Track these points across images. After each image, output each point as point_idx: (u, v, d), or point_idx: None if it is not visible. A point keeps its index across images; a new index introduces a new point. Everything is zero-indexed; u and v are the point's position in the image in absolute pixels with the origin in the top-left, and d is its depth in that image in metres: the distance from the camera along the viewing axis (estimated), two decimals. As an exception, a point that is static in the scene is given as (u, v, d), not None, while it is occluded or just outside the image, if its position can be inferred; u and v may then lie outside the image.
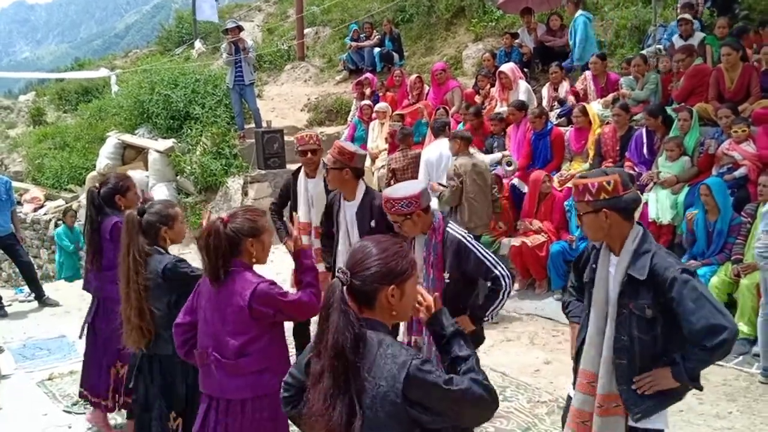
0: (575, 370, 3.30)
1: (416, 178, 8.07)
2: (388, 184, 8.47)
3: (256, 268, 3.28)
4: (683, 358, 2.94)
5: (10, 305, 8.80)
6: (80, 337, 5.31)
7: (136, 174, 12.76)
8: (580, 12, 10.32)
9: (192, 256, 6.97)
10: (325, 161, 5.30)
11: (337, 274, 2.22)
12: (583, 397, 3.18)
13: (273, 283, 3.19)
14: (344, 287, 2.17)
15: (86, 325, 5.13)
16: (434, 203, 7.97)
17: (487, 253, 3.78)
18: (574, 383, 3.32)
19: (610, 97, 9.01)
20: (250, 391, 3.14)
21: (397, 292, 2.23)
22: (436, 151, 7.92)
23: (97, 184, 5.11)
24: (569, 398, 3.37)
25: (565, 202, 7.85)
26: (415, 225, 3.70)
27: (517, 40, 11.36)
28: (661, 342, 3.01)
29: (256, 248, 3.19)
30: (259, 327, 3.14)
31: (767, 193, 5.89)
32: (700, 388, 3.13)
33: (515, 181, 8.53)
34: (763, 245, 5.43)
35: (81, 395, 5.20)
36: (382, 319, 2.25)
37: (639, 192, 6.36)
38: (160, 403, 3.85)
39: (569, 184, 8.05)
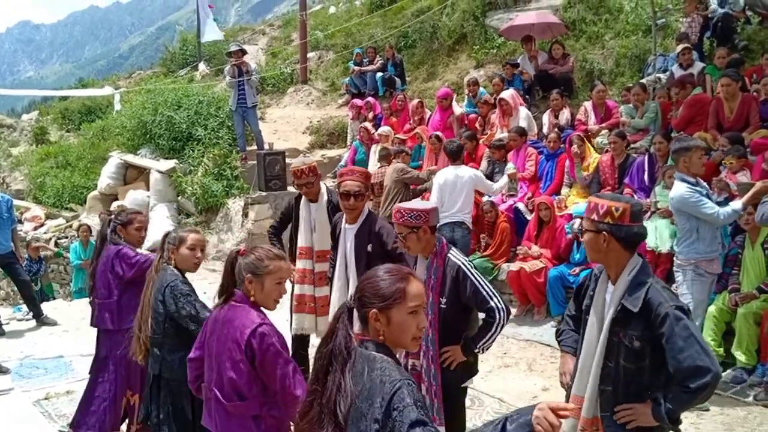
0: (568, 398, 3.29)
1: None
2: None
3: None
4: (665, 398, 2.93)
5: (8, 324, 8.78)
6: (89, 374, 5.15)
7: (138, 194, 12.82)
8: None
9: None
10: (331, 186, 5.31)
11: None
12: (572, 421, 3.18)
13: (282, 339, 3.13)
14: (348, 309, 2.27)
15: (94, 360, 5.07)
16: (503, 181, 8.71)
17: (485, 283, 3.76)
18: None
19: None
20: None
21: (382, 317, 2.24)
22: (451, 174, 7.92)
23: (111, 214, 5.20)
24: None
25: (566, 226, 7.87)
26: (419, 241, 3.71)
27: (518, 69, 11.47)
28: (648, 374, 3.01)
29: (255, 288, 3.13)
30: (256, 369, 3.09)
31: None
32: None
33: (519, 205, 8.57)
34: None
35: None
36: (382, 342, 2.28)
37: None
38: (169, 426, 3.87)
39: (568, 211, 8.11)
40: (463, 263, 3.76)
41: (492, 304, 3.70)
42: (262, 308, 3.18)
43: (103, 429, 4.91)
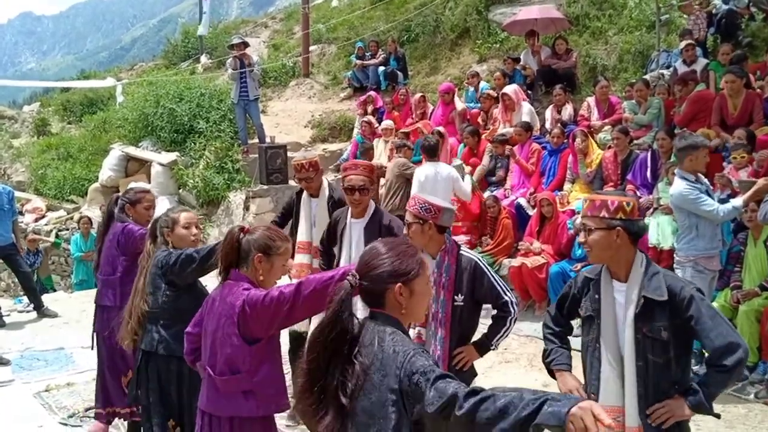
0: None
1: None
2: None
3: None
4: (701, 385, 2.90)
5: (8, 315, 8.79)
6: (92, 349, 5.23)
7: (139, 186, 12.79)
8: None
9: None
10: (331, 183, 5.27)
11: (347, 277, 2.28)
12: None
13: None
14: (351, 289, 2.25)
15: (94, 335, 5.09)
16: (468, 181, 8.48)
17: (499, 278, 3.80)
18: None
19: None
20: (232, 410, 3.08)
21: (406, 290, 2.26)
22: (431, 171, 7.88)
23: (119, 194, 5.22)
24: None
25: (568, 221, 7.86)
26: (423, 234, 3.70)
27: (520, 63, 11.45)
28: (674, 367, 2.95)
29: (264, 267, 3.12)
30: (249, 342, 3.05)
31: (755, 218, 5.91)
32: (718, 416, 3.06)
33: (521, 200, 8.56)
34: None
35: (98, 416, 5.10)
36: (396, 316, 2.29)
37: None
38: (159, 409, 3.89)
39: (571, 207, 8.09)
40: (478, 259, 3.79)
41: (506, 298, 3.75)
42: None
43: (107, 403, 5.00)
